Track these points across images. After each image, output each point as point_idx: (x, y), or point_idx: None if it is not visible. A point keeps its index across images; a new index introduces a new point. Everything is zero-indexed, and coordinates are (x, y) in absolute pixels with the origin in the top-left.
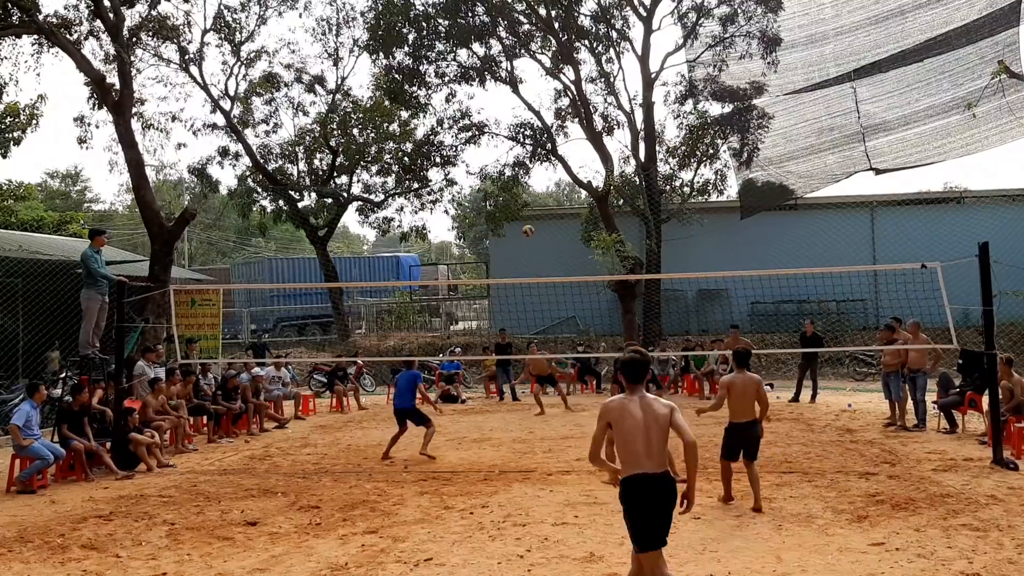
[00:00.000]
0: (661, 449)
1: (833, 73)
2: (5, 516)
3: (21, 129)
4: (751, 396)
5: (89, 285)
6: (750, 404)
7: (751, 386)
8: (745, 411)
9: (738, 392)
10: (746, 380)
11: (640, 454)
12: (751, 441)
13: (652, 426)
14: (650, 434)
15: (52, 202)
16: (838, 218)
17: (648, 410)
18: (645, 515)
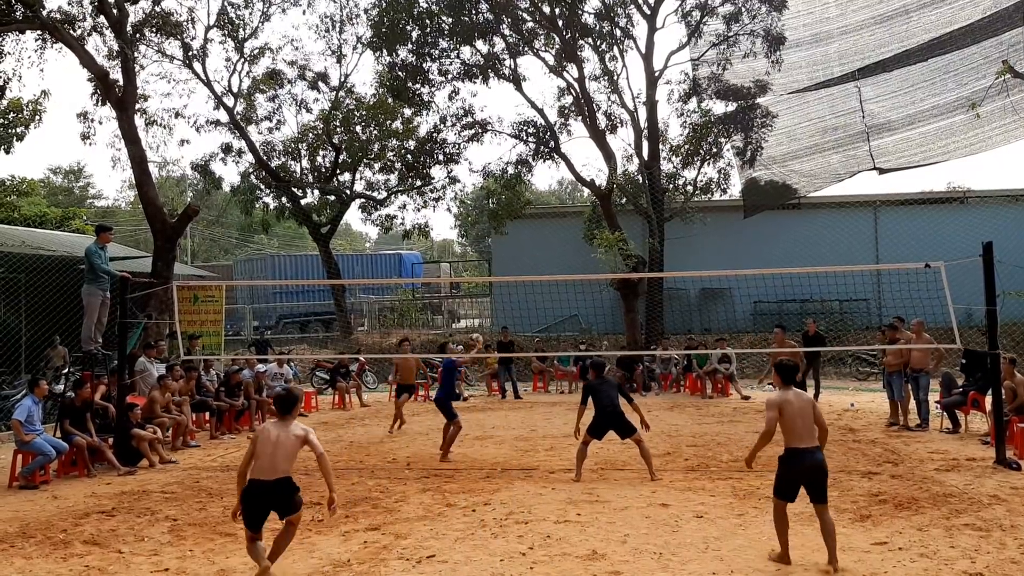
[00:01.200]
0: (288, 461)
1: (837, 72)
2: (7, 511)
3: (24, 125)
4: (809, 417)
5: (91, 281)
6: (810, 426)
7: (808, 406)
8: (806, 433)
9: (794, 412)
10: (801, 399)
11: (265, 468)
12: (816, 472)
13: (281, 445)
14: (276, 451)
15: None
16: (841, 217)
17: (282, 431)
18: (249, 512)
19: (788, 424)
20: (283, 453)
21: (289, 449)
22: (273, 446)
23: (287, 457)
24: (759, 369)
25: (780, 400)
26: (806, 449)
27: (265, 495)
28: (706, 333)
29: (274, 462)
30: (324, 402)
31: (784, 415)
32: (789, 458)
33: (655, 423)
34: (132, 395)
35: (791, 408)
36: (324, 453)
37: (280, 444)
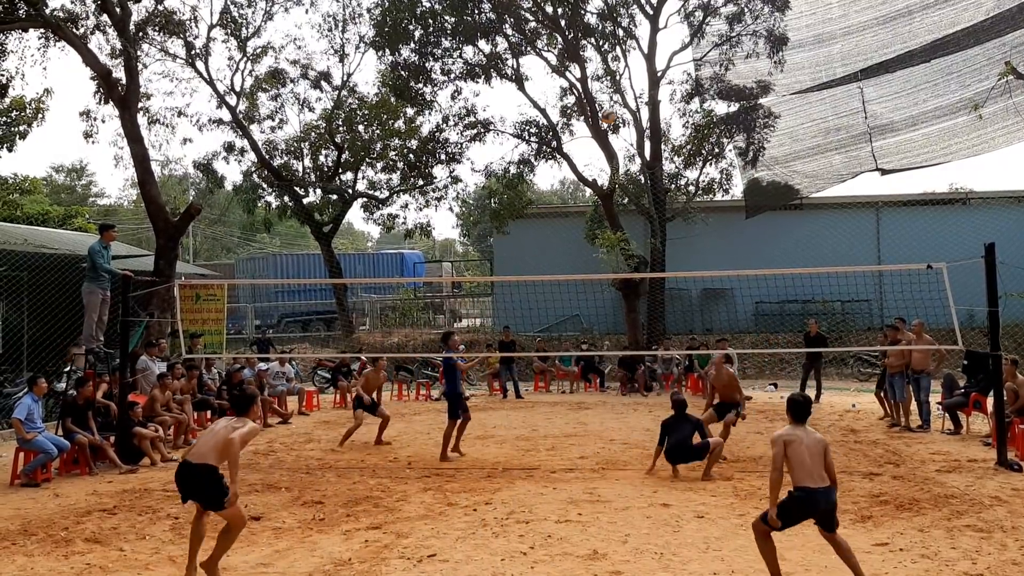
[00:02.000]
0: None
1: (840, 73)
2: (9, 509)
3: (27, 123)
4: (819, 457)
5: (91, 279)
6: (819, 466)
7: (817, 447)
8: (814, 473)
9: (801, 451)
10: (811, 438)
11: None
12: (826, 512)
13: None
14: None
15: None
16: (843, 218)
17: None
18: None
19: (796, 461)
20: (212, 441)
21: (219, 439)
22: (211, 433)
23: (214, 447)
24: (761, 370)
25: (786, 439)
26: (818, 489)
27: (184, 476)
28: (708, 333)
29: (202, 447)
30: (326, 401)
31: (791, 452)
32: (798, 499)
33: (656, 424)
34: (134, 394)
35: (796, 447)
36: (237, 452)
37: (213, 433)
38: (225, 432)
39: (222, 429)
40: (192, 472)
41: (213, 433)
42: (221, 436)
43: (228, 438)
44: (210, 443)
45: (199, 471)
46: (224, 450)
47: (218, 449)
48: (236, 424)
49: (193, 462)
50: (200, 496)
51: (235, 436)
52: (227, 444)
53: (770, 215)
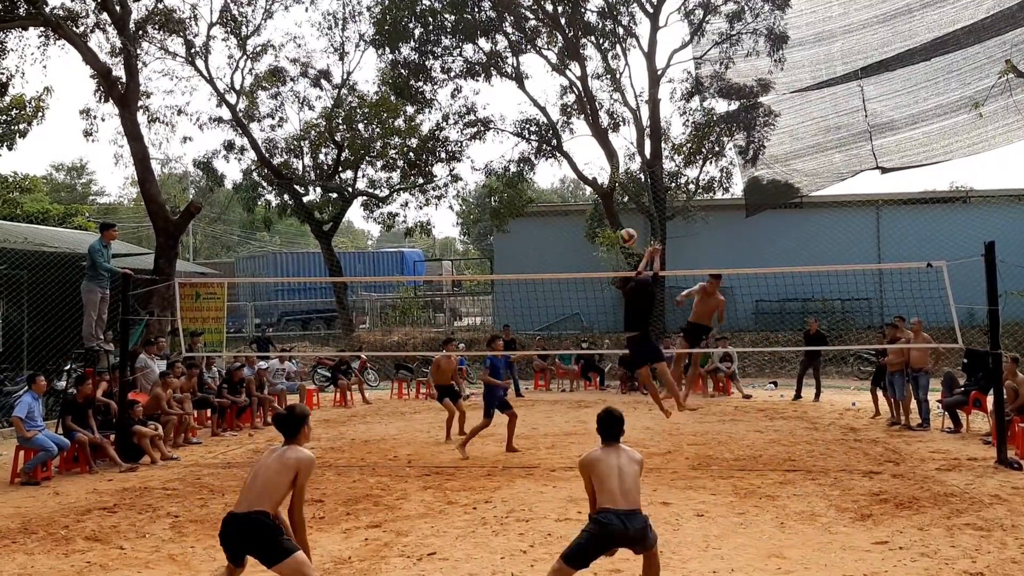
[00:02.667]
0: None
1: (840, 71)
2: (9, 507)
3: (27, 122)
4: (634, 477)
5: (90, 277)
6: (635, 486)
7: (631, 466)
8: (628, 493)
9: (608, 470)
10: (621, 456)
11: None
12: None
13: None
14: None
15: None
16: (843, 217)
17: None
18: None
19: (601, 482)
20: (263, 481)
21: (271, 476)
22: (260, 471)
23: (265, 487)
24: (760, 368)
25: (592, 461)
26: (625, 511)
27: (232, 531)
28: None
29: (251, 492)
30: (326, 399)
31: (597, 473)
32: (599, 527)
33: (656, 421)
34: (133, 392)
35: (602, 467)
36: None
37: (264, 469)
38: (279, 466)
39: (274, 462)
40: (242, 524)
41: (264, 469)
42: (274, 472)
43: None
44: (260, 484)
45: (251, 521)
46: (281, 490)
47: (270, 489)
48: (290, 455)
49: (241, 512)
50: (255, 551)
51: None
52: (287, 484)
53: (770, 214)
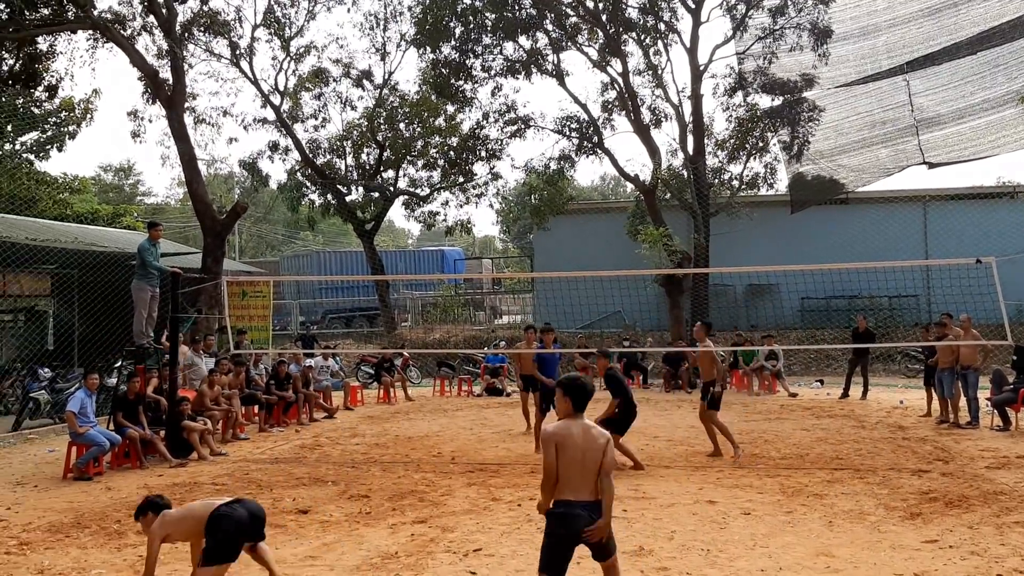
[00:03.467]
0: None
1: (886, 66)
2: (63, 502)
3: (76, 124)
4: (595, 462)
5: (140, 276)
6: (592, 472)
7: (594, 450)
8: (583, 484)
9: (575, 451)
10: (587, 435)
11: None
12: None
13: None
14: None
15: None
16: (890, 213)
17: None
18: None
19: (564, 468)
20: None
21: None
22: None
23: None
24: (806, 366)
25: (555, 434)
26: (580, 503)
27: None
28: (752, 329)
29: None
30: (369, 396)
31: (562, 452)
32: (558, 517)
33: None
34: (182, 389)
35: (570, 442)
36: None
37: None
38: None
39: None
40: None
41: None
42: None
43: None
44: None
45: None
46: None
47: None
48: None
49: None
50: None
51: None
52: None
53: (815, 210)
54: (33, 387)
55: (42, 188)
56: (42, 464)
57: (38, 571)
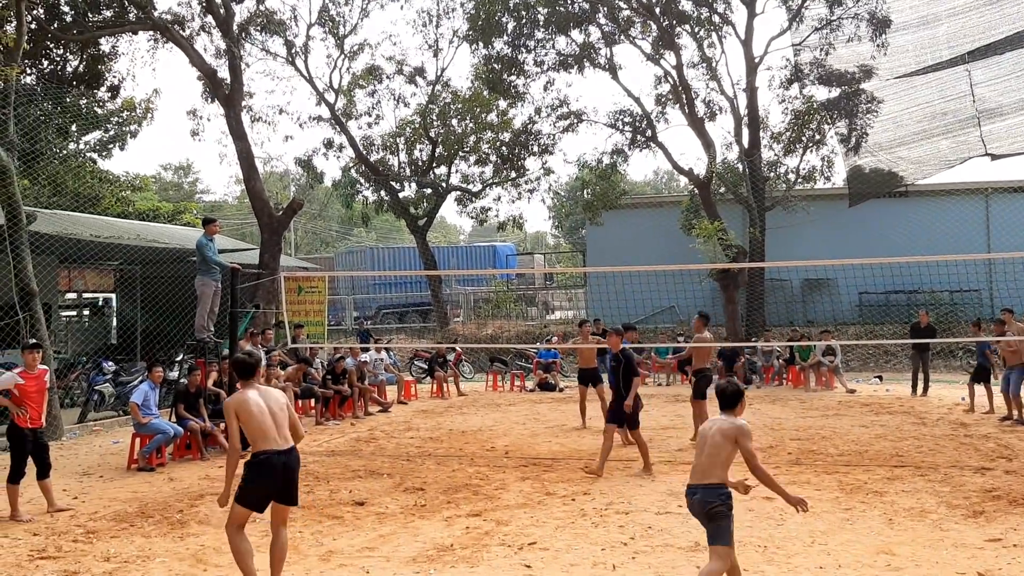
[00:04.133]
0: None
1: (946, 56)
2: (127, 492)
3: (137, 123)
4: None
5: (203, 272)
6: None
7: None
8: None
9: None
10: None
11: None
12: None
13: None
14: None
15: (166, 193)
16: (951, 205)
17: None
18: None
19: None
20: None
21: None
22: (273, 407)
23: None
24: (864, 362)
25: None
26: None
27: (282, 466)
28: (809, 325)
29: (281, 429)
30: (423, 391)
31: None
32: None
33: (757, 416)
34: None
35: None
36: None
37: (277, 406)
38: (277, 407)
39: (272, 404)
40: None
41: (276, 406)
42: (283, 405)
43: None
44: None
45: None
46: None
47: (286, 425)
48: (276, 395)
49: (285, 448)
50: (291, 487)
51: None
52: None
53: (874, 203)
54: (98, 380)
55: (105, 186)
56: (107, 455)
57: (104, 559)
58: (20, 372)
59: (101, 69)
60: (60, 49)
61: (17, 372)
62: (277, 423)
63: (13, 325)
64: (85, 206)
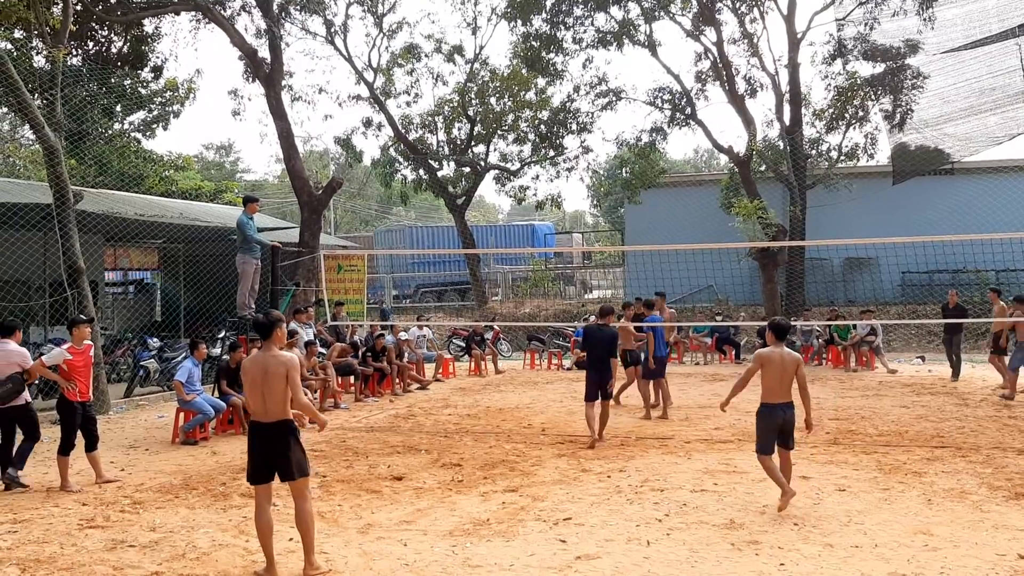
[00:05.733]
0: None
1: (996, 29)
2: (172, 465)
3: (180, 103)
4: (790, 375)
5: (244, 250)
6: (788, 384)
7: (792, 364)
8: (782, 391)
9: (775, 369)
10: (785, 357)
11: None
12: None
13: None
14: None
15: (208, 172)
16: (999, 183)
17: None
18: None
19: (767, 380)
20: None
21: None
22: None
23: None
24: (907, 342)
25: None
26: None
27: (265, 438)
28: (850, 304)
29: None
30: (461, 368)
31: (765, 370)
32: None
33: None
34: None
35: (773, 365)
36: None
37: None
38: (288, 371)
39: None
40: (273, 432)
41: (274, 377)
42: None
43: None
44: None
45: (278, 429)
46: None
47: (278, 396)
48: (273, 361)
49: (269, 421)
50: (280, 459)
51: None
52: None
53: (919, 181)
54: (143, 356)
55: (149, 166)
56: (152, 429)
57: (150, 528)
58: (68, 348)
59: (144, 50)
60: (105, 30)
61: (65, 348)
62: (265, 395)
63: (62, 302)
64: (129, 185)
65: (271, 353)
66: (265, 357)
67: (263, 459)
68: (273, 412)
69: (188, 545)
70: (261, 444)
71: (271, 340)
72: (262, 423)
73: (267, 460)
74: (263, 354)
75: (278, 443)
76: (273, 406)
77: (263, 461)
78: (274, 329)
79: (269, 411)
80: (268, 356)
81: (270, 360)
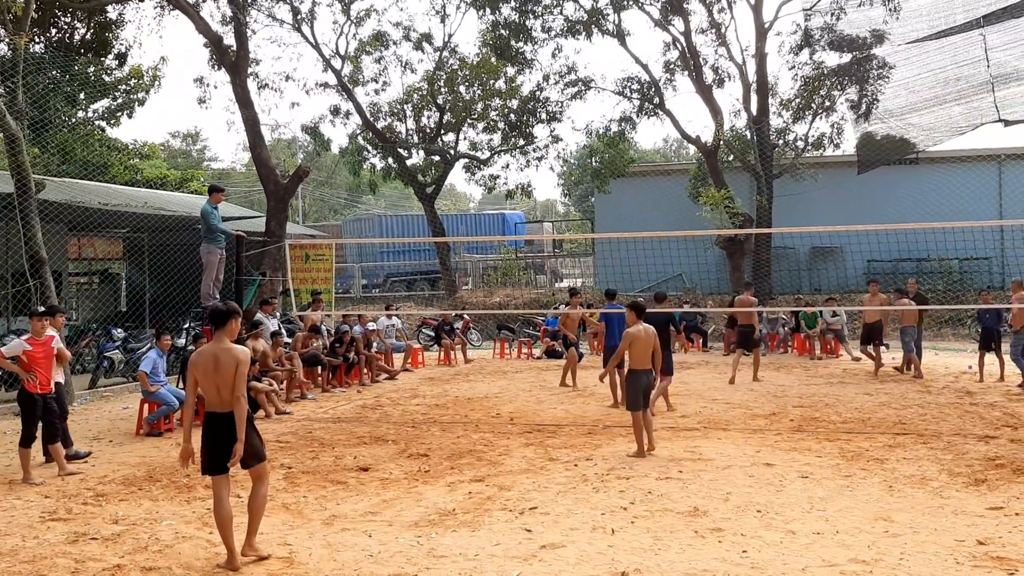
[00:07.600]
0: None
1: (961, 20)
2: (135, 456)
3: (144, 91)
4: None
5: (208, 239)
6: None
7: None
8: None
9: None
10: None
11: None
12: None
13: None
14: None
15: (174, 160)
16: (963, 172)
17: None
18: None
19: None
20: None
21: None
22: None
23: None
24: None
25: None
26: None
27: (220, 427)
28: (816, 292)
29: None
30: (430, 358)
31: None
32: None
33: (760, 383)
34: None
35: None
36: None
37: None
38: (238, 363)
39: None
40: (228, 422)
41: (225, 368)
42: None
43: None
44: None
45: (230, 419)
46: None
47: (228, 387)
48: (225, 356)
49: (223, 412)
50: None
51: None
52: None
53: (883, 170)
54: (108, 347)
55: (113, 154)
56: (116, 420)
57: (113, 521)
58: (28, 339)
59: (108, 37)
60: (67, 17)
61: (25, 339)
62: (219, 386)
63: (24, 292)
64: (94, 174)
65: (222, 346)
66: (216, 350)
67: (218, 449)
68: (228, 402)
69: (151, 537)
70: (216, 434)
71: (224, 331)
72: (217, 413)
73: (223, 450)
74: (214, 346)
75: (233, 432)
76: (227, 395)
77: (219, 451)
78: (229, 320)
79: (224, 401)
80: (219, 349)
81: (221, 353)
